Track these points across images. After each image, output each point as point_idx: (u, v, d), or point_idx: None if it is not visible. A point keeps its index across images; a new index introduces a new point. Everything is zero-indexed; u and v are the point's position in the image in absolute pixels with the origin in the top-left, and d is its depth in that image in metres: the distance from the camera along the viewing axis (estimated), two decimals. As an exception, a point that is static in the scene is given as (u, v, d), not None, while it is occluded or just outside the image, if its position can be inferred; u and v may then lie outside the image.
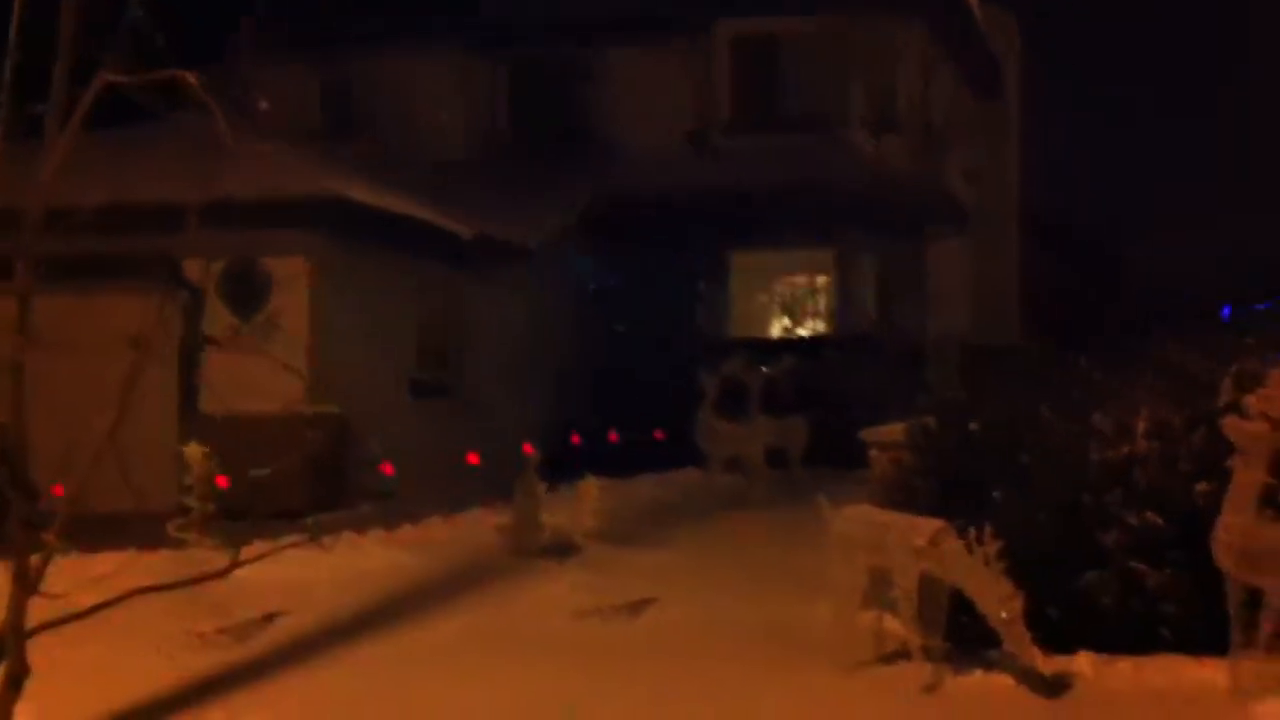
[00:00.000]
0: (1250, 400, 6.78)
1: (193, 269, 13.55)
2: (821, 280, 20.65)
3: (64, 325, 13.35)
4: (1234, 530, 6.57)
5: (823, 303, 20.63)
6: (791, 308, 20.60)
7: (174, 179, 10.55)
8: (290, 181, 13.43)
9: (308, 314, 13.20)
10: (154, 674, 7.22)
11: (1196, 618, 7.24)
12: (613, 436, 15.63)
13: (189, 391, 12.96)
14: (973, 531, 6.97)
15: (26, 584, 3.99)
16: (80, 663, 6.84)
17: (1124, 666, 7.19)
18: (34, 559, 4.38)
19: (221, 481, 10.14)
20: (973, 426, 8.57)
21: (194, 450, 9.75)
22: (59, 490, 6.45)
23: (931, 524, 7.19)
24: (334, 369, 13.42)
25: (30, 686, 5.24)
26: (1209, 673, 6.91)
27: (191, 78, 4.59)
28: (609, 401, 17.45)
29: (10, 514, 4.25)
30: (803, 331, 20.42)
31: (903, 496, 8.45)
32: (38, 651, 5.66)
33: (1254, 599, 6.70)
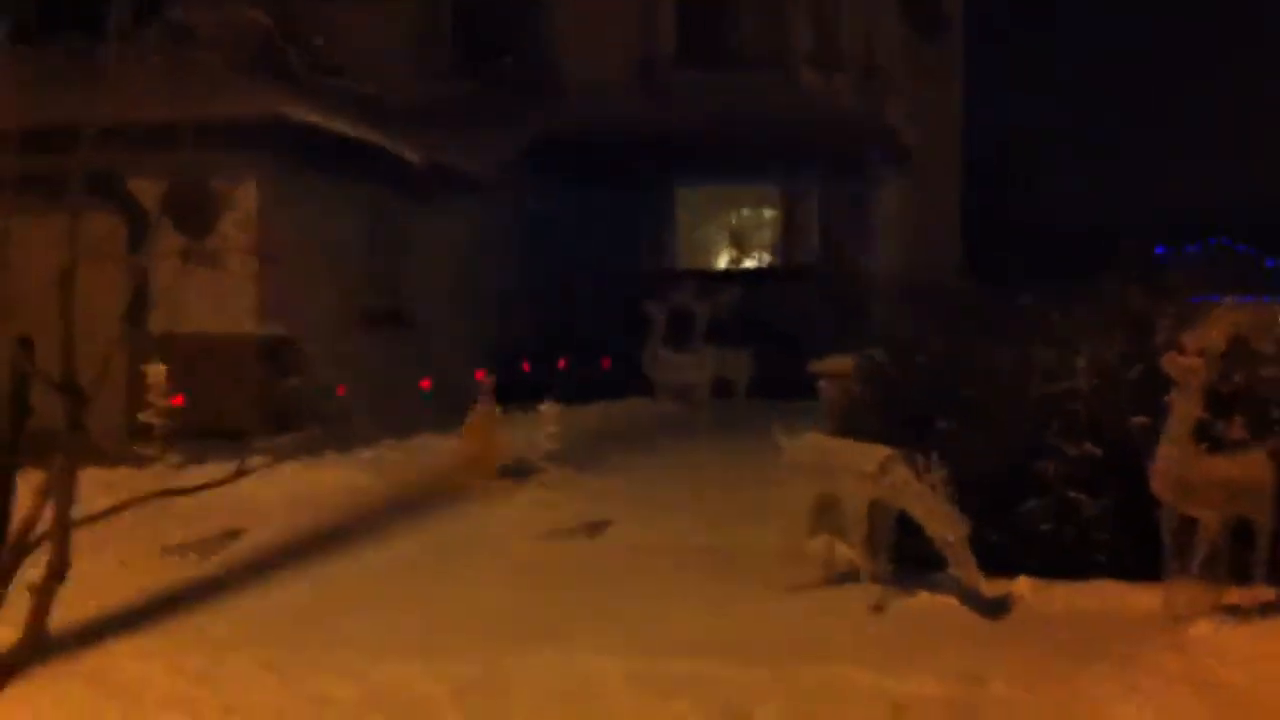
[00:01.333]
0: (1187, 337, 7.07)
1: (141, 190, 13.52)
2: (768, 214, 20.83)
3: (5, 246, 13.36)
4: (1171, 461, 6.83)
5: (769, 236, 20.82)
6: (738, 240, 20.78)
7: (123, 99, 10.55)
8: (239, 103, 13.36)
9: (256, 237, 13.19)
10: (124, 586, 7.34)
11: (1130, 545, 7.56)
12: (561, 364, 15.78)
13: (138, 313, 12.94)
14: (920, 459, 7.24)
15: (73, 484, 4.14)
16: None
17: (1061, 590, 7.50)
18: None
19: (177, 401, 10.20)
20: (919, 359, 8.83)
21: (157, 369, 9.79)
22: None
23: (881, 451, 7.43)
24: (283, 292, 13.44)
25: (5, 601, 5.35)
26: (1143, 597, 7.20)
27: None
28: (557, 331, 17.60)
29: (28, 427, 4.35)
30: (749, 264, 20.62)
31: (851, 426, 8.69)
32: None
33: (1187, 527, 7.02)
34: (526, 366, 15.61)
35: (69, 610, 6.13)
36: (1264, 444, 7.31)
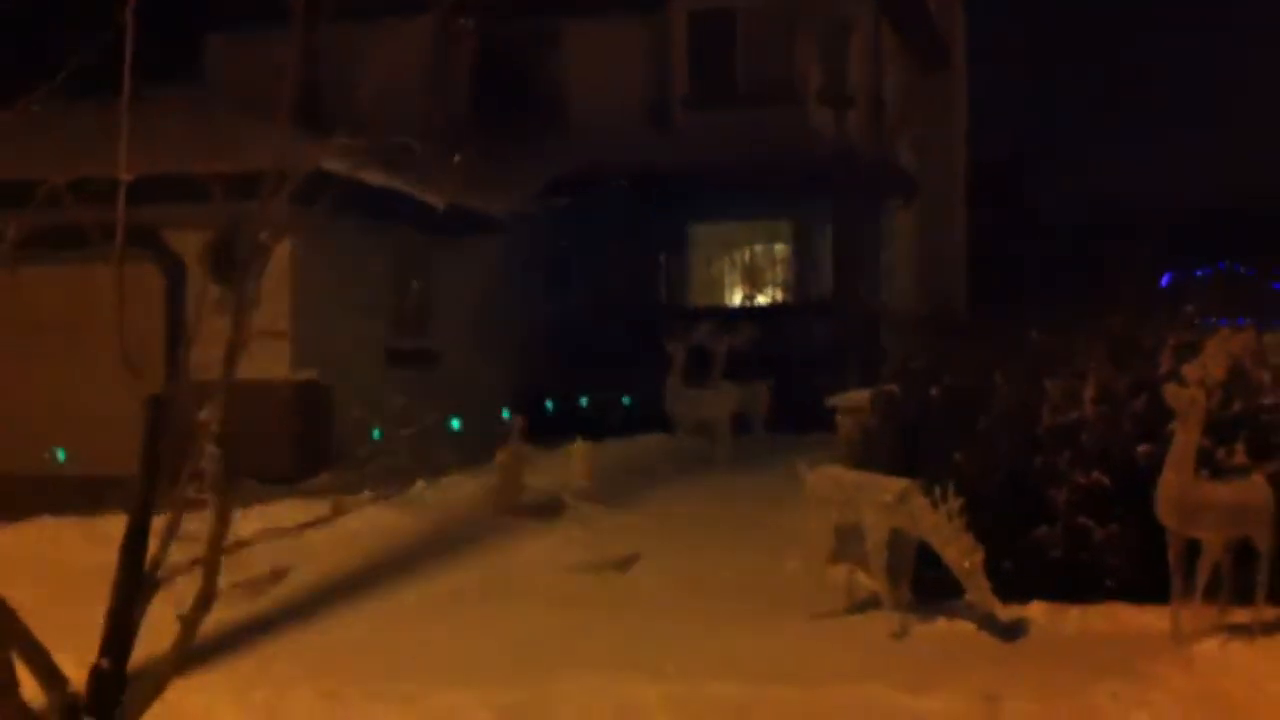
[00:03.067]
0: (1188, 369, 7.46)
1: (177, 241, 13.98)
2: (780, 250, 21.23)
3: (49, 298, 13.82)
4: (1174, 487, 7.20)
5: (782, 272, 21.22)
6: (752, 276, 21.18)
7: (160, 151, 10.99)
8: (271, 155, 13.78)
9: (290, 284, 13.61)
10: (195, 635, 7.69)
11: (1139, 569, 7.91)
12: (582, 401, 16.15)
13: (176, 359, 13.37)
14: (936, 490, 7.61)
15: (226, 522, 4.58)
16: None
17: (1074, 614, 7.87)
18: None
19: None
20: (933, 393, 9.19)
21: (208, 416, 10.15)
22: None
23: (899, 482, 7.80)
24: (316, 338, 13.86)
25: (65, 640, 5.67)
26: (1150, 619, 7.57)
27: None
28: (577, 368, 17.98)
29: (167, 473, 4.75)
30: (763, 300, 21.00)
31: (869, 457, 9.06)
32: (59, 610, 6.13)
33: (1192, 550, 7.38)
34: (549, 404, 16.00)
35: (138, 651, 6.44)
36: (1264, 469, 7.69)
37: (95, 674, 4.41)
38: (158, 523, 4.65)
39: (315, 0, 5.99)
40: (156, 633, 5.12)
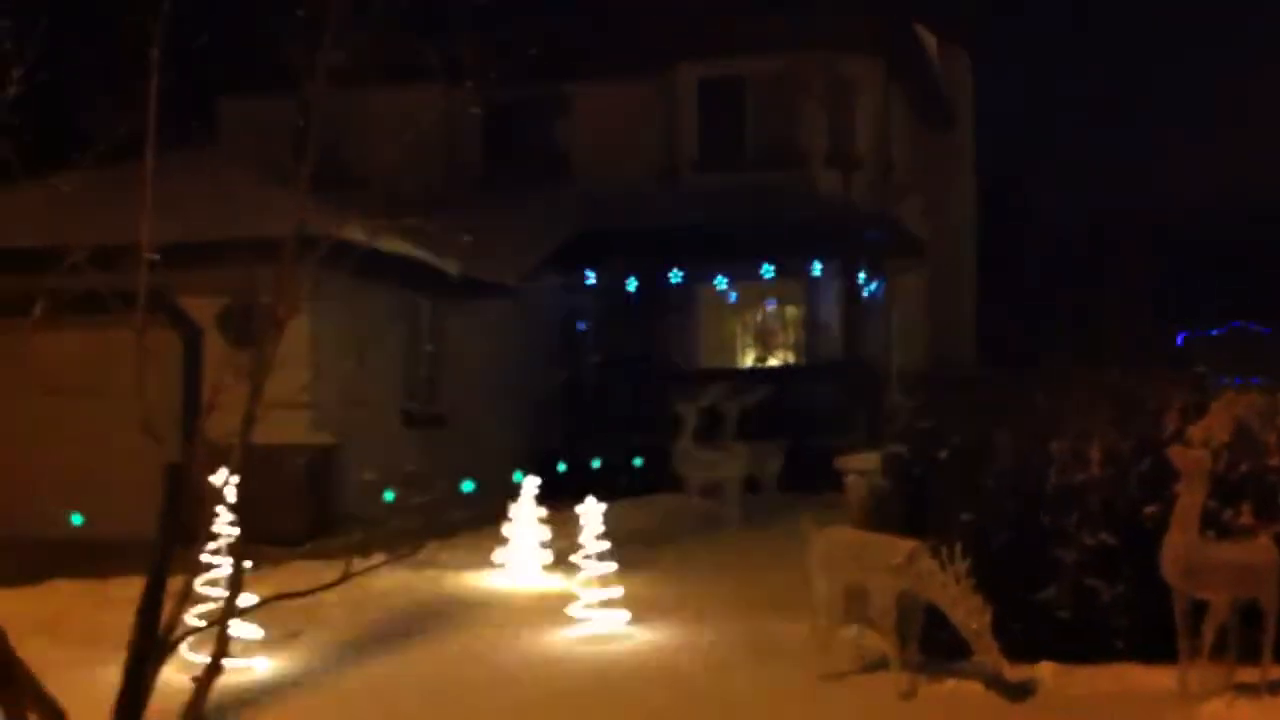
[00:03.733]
0: (1192, 430, 7.53)
1: (194, 306, 14.15)
2: (791, 311, 21.38)
3: (68, 362, 13.97)
4: (1179, 548, 7.26)
5: (792, 333, 21.35)
6: (763, 337, 21.31)
7: (177, 217, 11.14)
8: (286, 222, 13.96)
9: (306, 349, 13.74)
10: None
11: (1147, 629, 7.92)
12: (593, 463, 16.23)
13: (192, 423, 13.49)
14: (944, 550, 7.67)
15: (239, 587, 4.73)
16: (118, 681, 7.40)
17: (1082, 674, 7.88)
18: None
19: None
20: (941, 454, 9.25)
21: (222, 479, 10.26)
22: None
23: (907, 544, 7.86)
24: (331, 401, 13.99)
25: (79, 700, 5.74)
26: (1159, 679, 7.58)
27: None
28: (588, 429, 18.09)
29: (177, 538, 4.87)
30: (774, 361, 21.12)
31: (877, 519, 9.12)
32: (71, 673, 6.21)
33: (1198, 610, 7.42)
34: (561, 465, 16.08)
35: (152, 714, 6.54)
36: (1270, 529, 7.73)
37: (110, 733, 4.51)
38: (173, 585, 4.76)
39: (328, 68, 6.14)
40: (166, 695, 5.21)
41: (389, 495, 13.44)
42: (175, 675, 5.55)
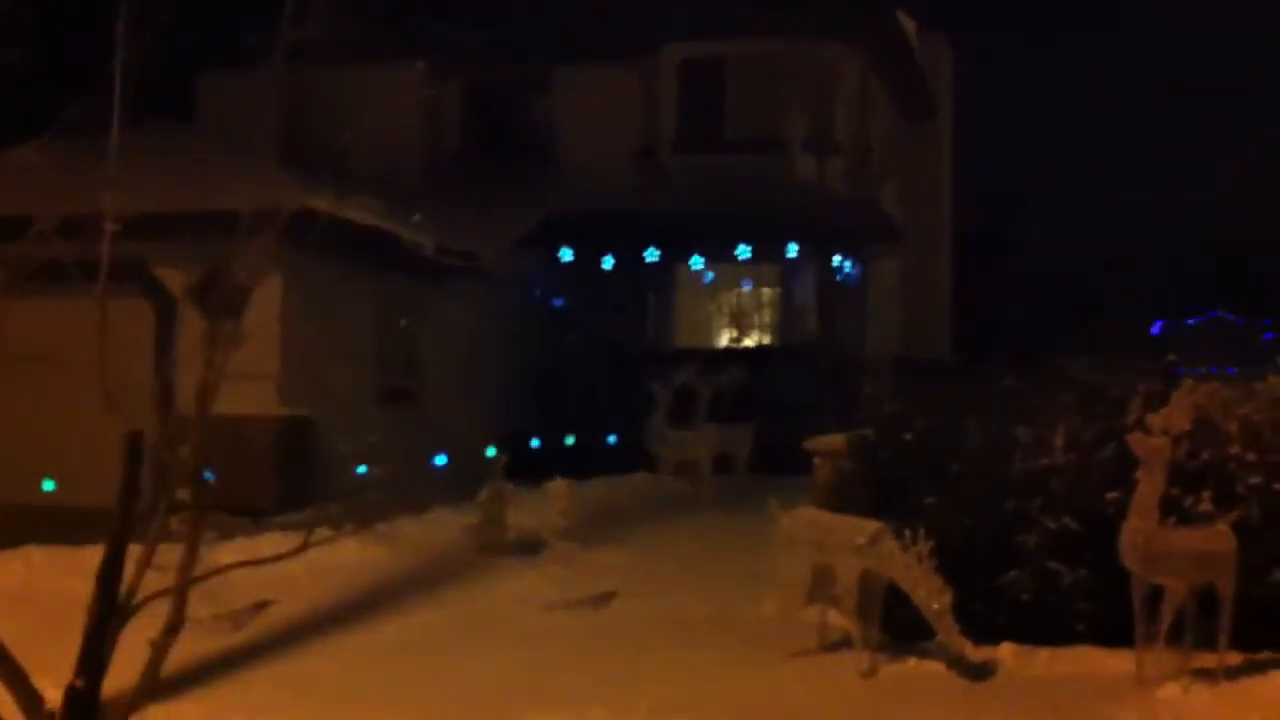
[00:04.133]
0: (1152, 418, 7.62)
1: (166, 277, 14.12)
2: (766, 294, 21.44)
3: (40, 330, 13.95)
4: (1138, 534, 7.35)
5: (768, 316, 21.42)
6: (738, 319, 21.37)
7: (150, 189, 11.12)
8: (262, 193, 13.96)
9: (278, 321, 13.75)
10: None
11: (1107, 613, 8.01)
12: (566, 441, 16.29)
13: (165, 393, 13.49)
14: (908, 532, 7.76)
15: (195, 552, 4.79)
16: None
17: (1042, 656, 7.99)
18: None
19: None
20: (907, 437, 9.34)
21: (193, 450, 10.29)
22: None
23: (871, 525, 7.95)
24: (303, 374, 14.01)
25: (45, 666, 5.78)
26: (1118, 662, 7.68)
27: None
28: (562, 408, 18.15)
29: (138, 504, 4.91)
30: (748, 343, 21.19)
31: (843, 501, 9.20)
32: (47, 642, 6.24)
33: (1156, 596, 7.52)
34: (534, 442, 16.14)
35: (115, 680, 6.57)
36: (1228, 517, 7.84)
37: (70, 694, 4.56)
38: (135, 551, 4.79)
39: (303, 43, 6.16)
40: (135, 662, 5.25)
41: (362, 469, 13.49)
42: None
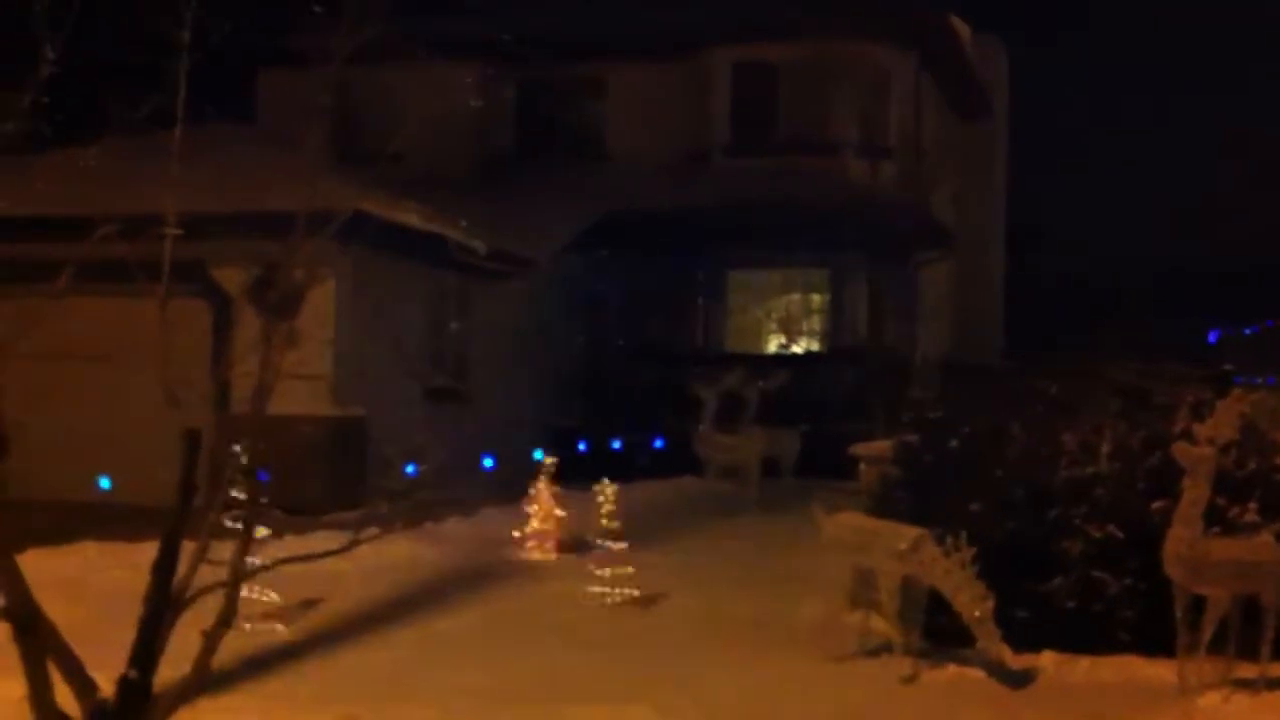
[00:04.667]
0: (1198, 427, 7.62)
1: (224, 277, 14.34)
2: (816, 299, 21.45)
3: (97, 329, 14.21)
4: (1182, 543, 7.35)
5: (816, 320, 21.44)
6: (787, 325, 21.40)
7: (209, 190, 11.29)
8: (318, 195, 14.16)
9: (333, 322, 13.95)
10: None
11: (1151, 622, 8.01)
12: (614, 443, 16.39)
13: (221, 392, 13.70)
14: (950, 539, 7.79)
15: (248, 549, 4.93)
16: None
17: (1083, 664, 8.00)
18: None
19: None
20: (952, 444, 9.36)
21: (248, 448, 10.46)
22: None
23: (913, 531, 7.99)
24: (356, 374, 14.20)
25: (99, 656, 5.92)
26: (1159, 671, 7.69)
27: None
28: (610, 409, 18.24)
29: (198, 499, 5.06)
30: (797, 348, 21.21)
31: (888, 505, 9.24)
32: (96, 629, 6.40)
33: (1199, 605, 7.51)
34: (582, 444, 16.24)
35: (169, 673, 6.74)
36: (1274, 527, 7.81)
37: (123, 683, 4.70)
38: (189, 547, 4.93)
39: (361, 42, 6.27)
40: (187, 655, 5.40)
41: (411, 468, 13.64)
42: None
